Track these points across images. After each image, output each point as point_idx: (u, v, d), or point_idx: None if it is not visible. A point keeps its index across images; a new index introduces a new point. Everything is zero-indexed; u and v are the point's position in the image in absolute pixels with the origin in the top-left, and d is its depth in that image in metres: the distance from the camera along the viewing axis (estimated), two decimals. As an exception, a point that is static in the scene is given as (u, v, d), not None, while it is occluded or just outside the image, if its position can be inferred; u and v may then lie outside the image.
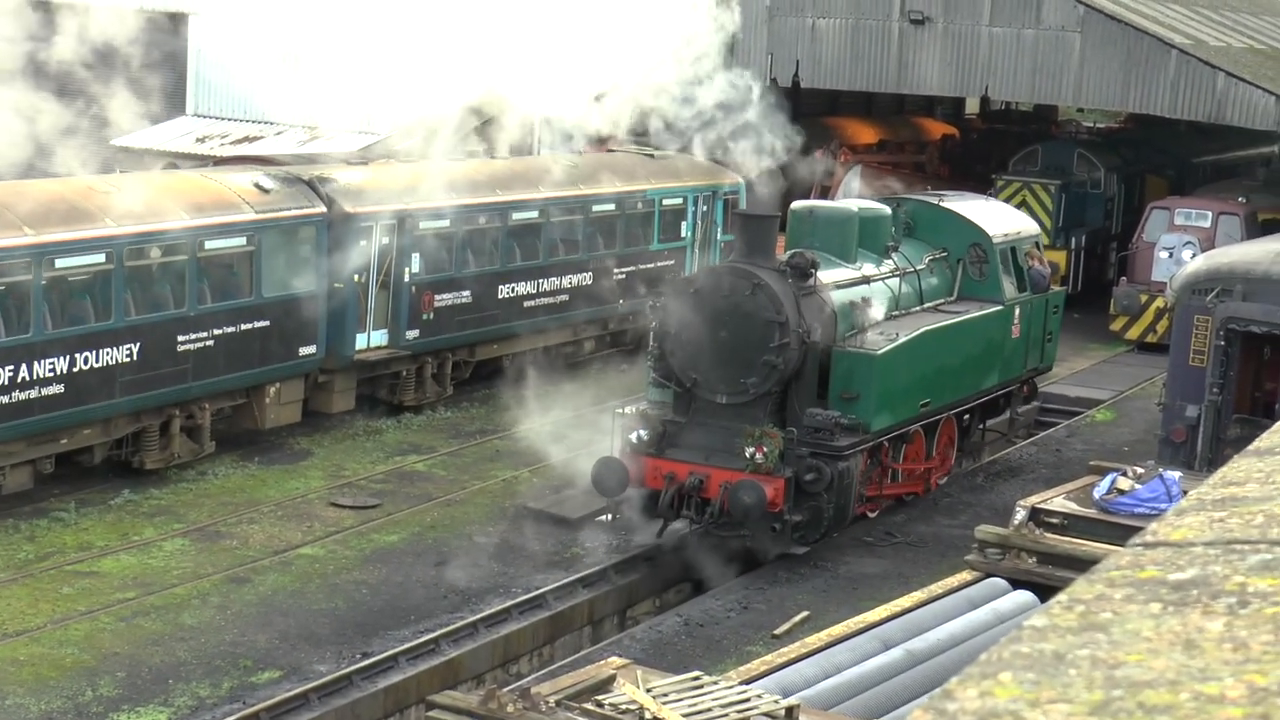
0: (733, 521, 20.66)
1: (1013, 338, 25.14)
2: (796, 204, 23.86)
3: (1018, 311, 25.08)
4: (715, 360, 21.07)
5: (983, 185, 36.95)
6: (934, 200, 25.64)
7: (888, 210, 24.05)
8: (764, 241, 21.50)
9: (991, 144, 48.26)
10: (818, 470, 20.55)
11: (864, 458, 21.57)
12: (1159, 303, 34.16)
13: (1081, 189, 40.69)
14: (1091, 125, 56.19)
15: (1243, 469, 2.86)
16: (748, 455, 20.54)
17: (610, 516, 22.02)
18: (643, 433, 21.28)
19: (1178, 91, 35.48)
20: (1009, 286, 24.87)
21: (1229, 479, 2.79)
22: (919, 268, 23.96)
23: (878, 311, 22.33)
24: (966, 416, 25.21)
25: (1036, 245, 26.71)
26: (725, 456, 20.79)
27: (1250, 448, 3.09)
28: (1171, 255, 35.08)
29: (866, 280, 22.69)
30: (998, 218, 26.03)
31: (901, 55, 37.46)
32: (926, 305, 23.83)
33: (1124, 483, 18.67)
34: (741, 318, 20.90)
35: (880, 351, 21.39)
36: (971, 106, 55.82)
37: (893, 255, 23.59)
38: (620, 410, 21.97)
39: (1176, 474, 18.79)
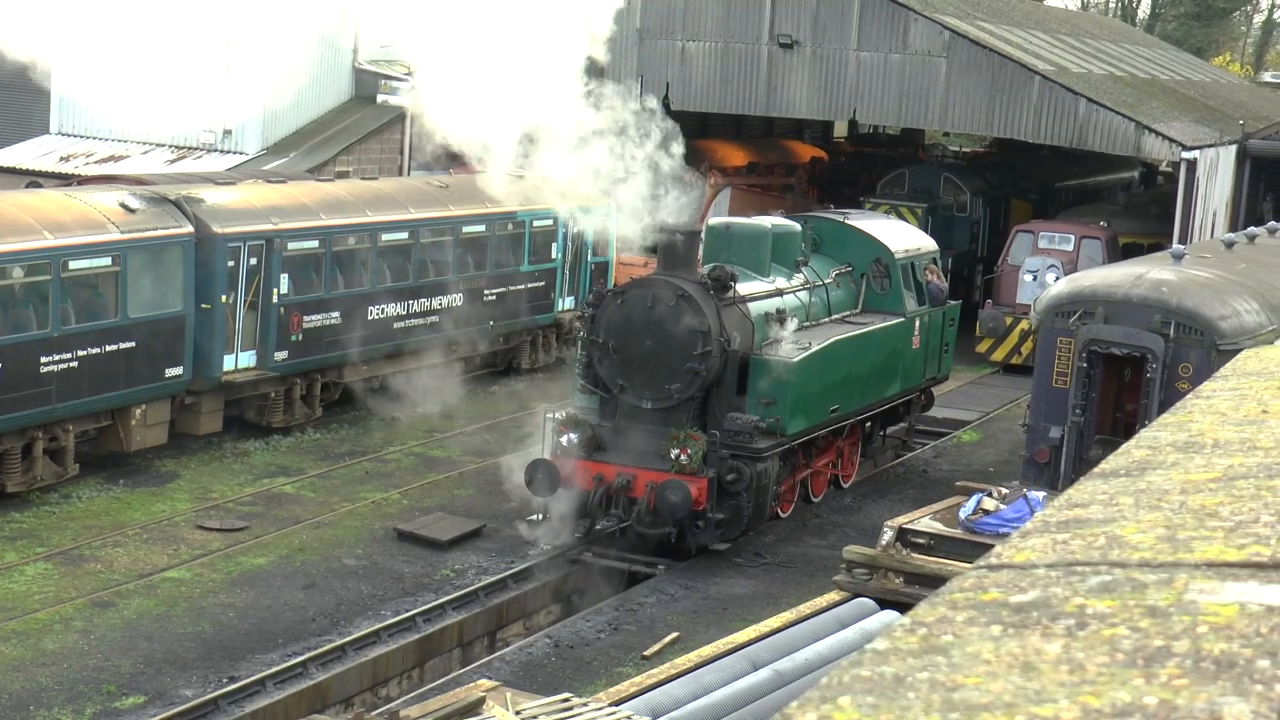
0: (659, 519, 21.74)
1: (913, 348, 26.49)
2: (713, 220, 25.59)
3: (918, 324, 26.45)
4: (641, 367, 22.22)
5: (851, 208, 37.30)
6: (839, 218, 27.02)
7: (797, 227, 25.20)
8: (686, 256, 22.74)
9: (860, 167, 48.78)
10: (738, 471, 21.76)
11: (779, 460, 22.71)
12: (1023, 325, 34.66)
13: (948, 212, 41.25)
14: (958, 149, 57.03)
15: (1087, 491, 2.93)
16: (673, 457, 21.74)
17: (540, 516, 22.74)
18: (572, 436, 22.28)
19: (1041, 117, 36.10)
20: (910, 300, 26.22)
21: (1074, 501, 2.85)
22: (826, 281, 25.22)
23: (792, 322, 23.40)
24: (869, 424, 26.43)
25: (934, 261, 27.91)
26: (651, 458, 21.95)
27: (1095, 470, 3.16)
28: (1035, 278, 35.63)
29: (780, 293, 23.90)
30: (899, 235, 27.33)
31: (771, 78, 37.80)
32: (834, 317, 25.08)
33: (989, 503, 18.96)
34: (667, 327, 22.11)
35: (796, 359, 22.56)
36: (840, 130, 56.37)
37: (802, 269, 24.84)
38: (550, 415, 22.80)
39: (1040, 494, 19.10)
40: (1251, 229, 29.00)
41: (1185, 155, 34.99)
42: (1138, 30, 74.04)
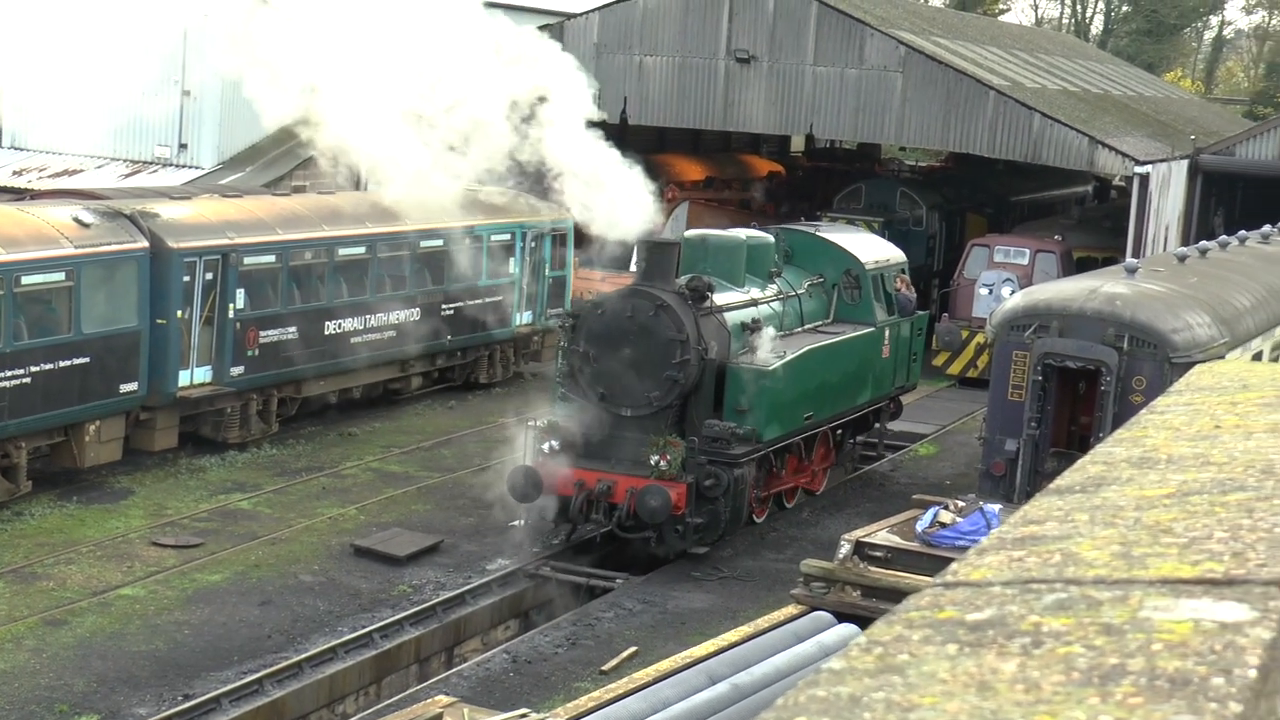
0: (639, 524, 22.23)
1: (883, 357, 27.09)
2: (690, 232, 26.11)
3: (888, 333, 27.06)
4: (621, 376, 22.70)
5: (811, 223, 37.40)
6: (811, 230, 27.74)
7: (771, 239, 25.79)
8: (665, 267, 23.19)
9: (816, 181, 48.88)
10: (716, 476, 22.31)
11: (755, 466, 23.30)
12: (979, 338, 34.80)
13: (904, 226, 41.35)
14: (913, 164, 57.22)
15: (1042, 508, 2.94)
16: (652, 463, 22.22)
17: (521, 522, 23.10)
18: (554, 443, 22.67)
19: (996, 131, 36.28)
20: (880, 310, 26.82)
21: (1029, 518, 2.86)
22: (799, 292, 25.75)
23: (767, 331, 23.88)
24: (840, 431, 26.99)
25: (903, 272, 28.41)
26: (631, 465, 22.51)
27: (1051, 486, 3.17)
28: (991, 292, 35.78)
29: (755, 303, 24.46)
30: (869, 247, 27.91)
31: (728, 93, 37.88)
32: (807, 327, 25.64)
33: (946, 516, 19.00)
34: (646, 336, 22.62)
35: (771, 367, 23.15)
36: (797, 144, 56.51)
37: (776, 280, 25.38)
38: (532, 423, 23.15)
39: (996, 507, 19.16)
40: (1203, 243, 29.19)
41: (1138, 170, 35.21)
42: (1091, 46, 74.48)
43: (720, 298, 23.47)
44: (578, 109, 25.27)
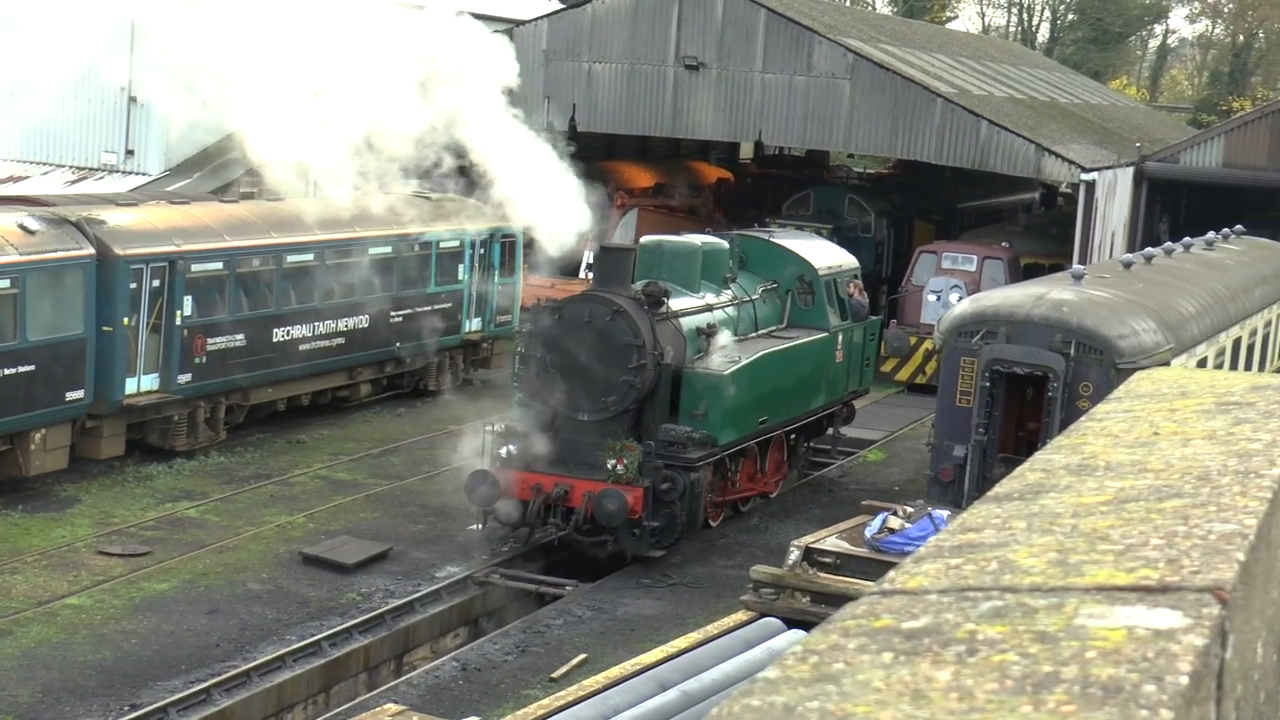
0: (596, 528, 22.41)
1: (836, 362, 27.32)
2: (645, 238, 26.19)
3: (841, 338, 27.31)
4: (578, 380, 22.85)
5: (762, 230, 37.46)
6: (765, 236, 28.01)
7: (726, 245, 25.95)
8: (621, 272, 23.42)
9: (765, 188, 48.97)
10: (672, 480, 22.55)
11: (710, 470, 23.50)
12: (927, 345, 34.93)
13: (852, 233, 41.48)
14: (862, 170, 57.42)
15: (981, 515, 2.96)
16: (609, 467, 22.39)
17: (479, 526, 23.30)
18: (511, 448, 22.87)
19: (943, 138, 36.46)
20: (833, 315, 27.07)
21: (967, 525, 2.88)
22: (754, 297, 26.00)
23: (721, 336, 24.11)
24: (793, 436, 27.22)
25: (856, 277, 28.62)
26: (588, 469, 22.68)
27: (989, 493, 3.19)
28: (939, 298, 35.93)
29: (710, 308, 24.66)
30: (822, 253, 28.19)
31: (677, 100, 37.94)
32: (761, 332, 25.86)
33: (894, 522, 19.06)
34: (602, 342, 22.79)
35: (726, 372, 23.32)
36: (746, 151, 56.61)
37: (730, 286, 25.60)
38: (489, 427, 23.34)
39: (945, 512, 19.23)
40: (1149, 249, 29.41)
41: (1084, 177, 35.44)
42: (1037, 54, 74.94)
43: (676, 303, 23.73)
44: (494, 79, 25.12)
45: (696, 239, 26.18)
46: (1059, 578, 2.51)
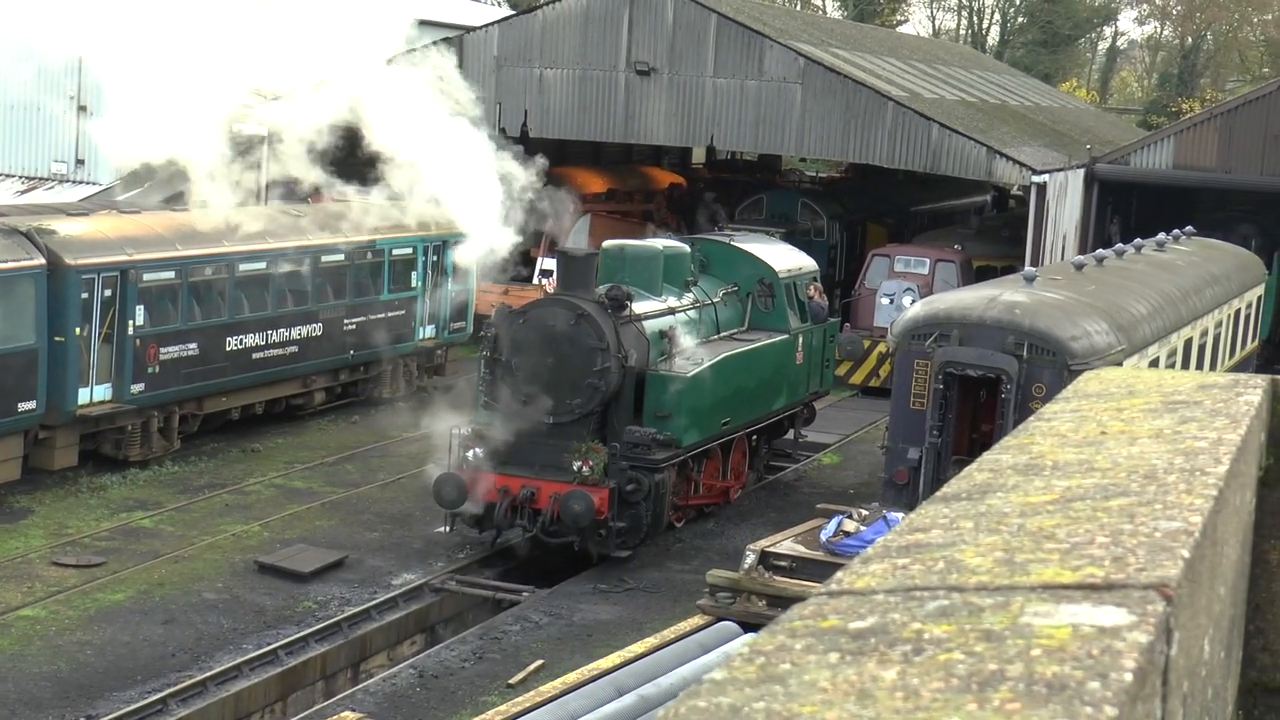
0: (562, 529, 22.61)
1: (797, 364, 27.64)
2: (608, 243, 26.43)
3: (801, 340, 27.64)
4: (543, 383, 23.01)
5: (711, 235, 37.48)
6: (725, 240, 28.24)
7: (687, 249, 26.25)
8: (584, 277, 23.69)
9: (718, 193, 49.01)
10: (637, 481, 22.87)
11: (675, 471, 23.80)
12: (881, 348, 35.03)
13: (805, 237, 41.55)
14: (814, 174, 57.55)
15: (929, 516, 2.98)
16: (575, 468, 22.64)
17: (447, 528, 23.54)
18: (478, 450, 23.02)
19: (895, 142, 36.57)
20: (793, 318, 27.42)
21: (915, 526, 2.90)
22: (715, 301, 26.25)
23: (684, 339, 24.41)
24: (755, 437, 27.43)
25: (815, 280, 28.96)
26: (554, 471, 22.92)
27: (938, 494, 3.22)
28: (892, 301, 36.05)
29: (672, 311, 24.92)
30: (782, 256, 28.51)
31: (628, 105, 37.96)
32: (722, 334, 26.08)
33: (850, 525, 19.14)
34: (567, 345, 23.02)
35: (690, 374, 23.67)
36: (698, 156, 56.67)
37: (692, 289, 25.87)
38: (456, 430, 23.43)
39: (900, 515, 19.28)
40: (1100, 251, 29.55)
41: (1035, 179, 35.60)
42: (988, 57, 75.27)
43: (639, 307, 23.98)
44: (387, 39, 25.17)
45: (658, 243, 26.43)
46: (1005, 577, 2.53)
